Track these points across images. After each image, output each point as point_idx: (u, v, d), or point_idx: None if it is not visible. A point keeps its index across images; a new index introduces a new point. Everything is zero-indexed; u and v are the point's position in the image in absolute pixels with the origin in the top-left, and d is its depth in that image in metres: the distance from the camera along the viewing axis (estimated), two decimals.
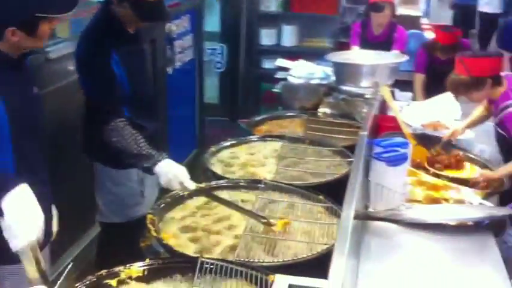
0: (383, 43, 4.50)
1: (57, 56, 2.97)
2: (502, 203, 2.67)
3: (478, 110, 3.14)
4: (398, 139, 2.38)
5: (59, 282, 1.41)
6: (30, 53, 2.06)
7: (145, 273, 1.59)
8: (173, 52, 4.03)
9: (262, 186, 2.20)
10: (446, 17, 13.69)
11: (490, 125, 3.51)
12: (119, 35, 2.46)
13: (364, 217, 2.16)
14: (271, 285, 1.44)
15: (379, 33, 4.57)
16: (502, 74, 2.93)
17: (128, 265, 1.59)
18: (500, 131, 2.90)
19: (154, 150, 2.26)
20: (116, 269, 1.58)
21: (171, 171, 2.15)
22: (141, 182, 2.62)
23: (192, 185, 2.14)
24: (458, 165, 2.77)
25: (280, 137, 2.85)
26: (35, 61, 2.61)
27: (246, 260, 1.69)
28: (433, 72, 4.32)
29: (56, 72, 2.98)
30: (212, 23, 5.62)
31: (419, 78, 4.56)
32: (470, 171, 2.76)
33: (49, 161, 2.07)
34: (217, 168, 2.50)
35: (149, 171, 2.23)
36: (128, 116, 2.41)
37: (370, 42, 4.51)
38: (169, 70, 3.98)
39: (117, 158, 2.36)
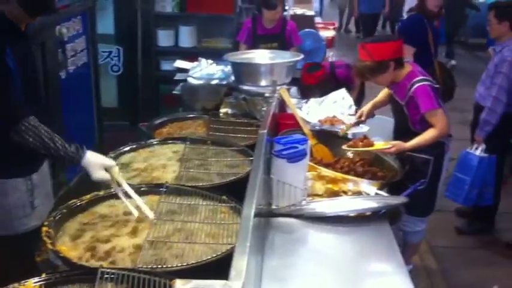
0: (275, 35, 4.63)
1: None
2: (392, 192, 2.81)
3: (382, 92, 3.31)
4: (297, 136, 2.43)
5: None
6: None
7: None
8: (65, 55, 3.86)
9: (164, 190, 2.16)
10: (336, 15, 14.33)
11: (383, 118, 3.72)
12: (11, 31, 2.33)
13: (268, 214, 2.19)
14: None
15: (271, 26, 4.68)
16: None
17: (22, 281, 1.49)
18: (406, 112, 3.06)
19: (73, 144, 2.17)
20: (10, 286, 1.47)
21: (97, 162, 2.12)
22: (30, 192, 2.45)
23: (116, 173, 2.12)
24: (368, 144, 2.88)
25: (181, 139, 2.82)
26: None
27: (149, 266, 1.65)
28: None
29: None
30: (106, 25, 5.44)
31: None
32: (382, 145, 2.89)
33: None
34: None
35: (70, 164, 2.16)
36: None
37: (261, 36, 4.61)
38: (62, 74, 3.81)
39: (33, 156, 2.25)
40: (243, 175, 2.31)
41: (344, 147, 2.92)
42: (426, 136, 2.95)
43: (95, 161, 2.13)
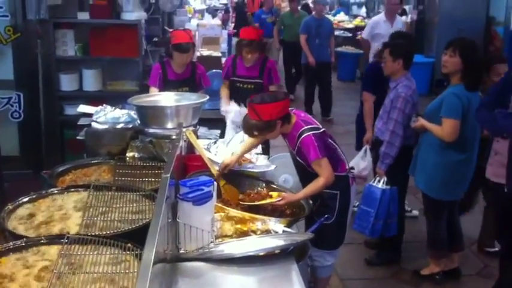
0: (186, 80, 4.65)
1: None
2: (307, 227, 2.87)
3: (249, 139, 3.32)
4: (203, 178, 2.43)
5: None
6: None
7: None
8: None
9: (66, 241, 2.07)
10: None
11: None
12: None
13: (174, 259, 2.16)
14: None
15: (181, 71, 4.69)
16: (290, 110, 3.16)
17: None
18: (299, 159, 3.13)
19: None
20: None
21: None
22: None
23: None
24: (263, 198, 2.93)
25: (85, 186, 2.73)
26: None
27: None
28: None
29: None
30: (5, 70, 5.24)
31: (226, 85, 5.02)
32: (274, 197, 2.93)
33: None
34: (17, 227, 2.31)
35: None
36: None
37: (172, 81, 4.62)
38: None
39: None
40: (148, 221, 2.27)
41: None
42: (313, 187, 3.03)
43: None
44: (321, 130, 3.14)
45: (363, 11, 15.92)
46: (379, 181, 4.11)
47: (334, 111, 8.99)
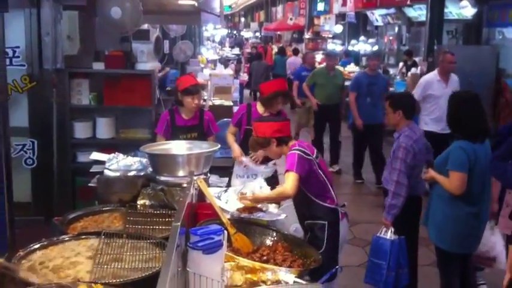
0: (193, 126, 4.73)
1: None
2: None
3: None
4: (214, 226, 2.43)
5: None
6: None
7: None
8: None
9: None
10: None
11: None
12: None
13: None
14: None
15: (190, 117, 4.77)
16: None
17: None
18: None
19: None
20: None
21: None
22: None
23: None
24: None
25: (96, 234, 2.74)
26: None
27: None
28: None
29: None
30: (20, 118, 5.35)
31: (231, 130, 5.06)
32: None
33: None
34: (27, 274, 2.30)
35: None
36: None
37: (181, 127, 4.69)
38: None
39: None
40: (158, 269, 2.26)
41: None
42: (276, 192, 3.44)
43: None
44: (311, 157, 3.46)
45: None
46: (386, 232, 4.09)
47: (344, 161, 8.90)
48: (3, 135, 4.33)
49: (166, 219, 3.07)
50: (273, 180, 4.38)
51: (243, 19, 31.01)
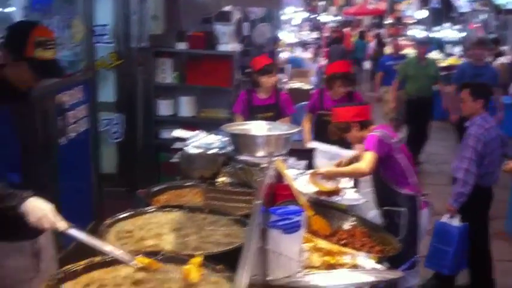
0: (270, 106, 4.76)
1: None
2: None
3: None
4: (293, 207, 2.44)
5: None
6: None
7: None
8: (65, 123, 3.93)
9: (160, 258, 2.15)
10: None
11: None
12: (11, 93, 2.43)
13: (262, 285, 2.17)
14: None
15: (266, 97, 4.82)
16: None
17: None
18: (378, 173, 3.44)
19: (15, 190, 2.20)
20: None
21: (40, 209, 2.13)
22: (35, 255, 2.47)
23: (63, 225, 2.14)
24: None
25: (178, 207, 2.82)
26: None
27: None
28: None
29: None
30: (107, 93, 5.58)
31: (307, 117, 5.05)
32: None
33: None
34: (113, 242, 2.42)
35: (15, 211, 2.17)
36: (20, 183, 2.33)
37: (257, 107, 4.74)
38: (62, 141, 3.86)
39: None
40: (238, 245, 2.30)
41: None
42: (352, 168, 3.44)
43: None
44: (392, 141, 3.42)
45: (458, 49, 15.52)
46: (452, 218, 4.06)
47: (426, 151, 8.66)
48: (91, 110, 4.54)
49: (245, 198, 3.10)
50: None
51: (322, 3, 30.62)
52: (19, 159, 2.46)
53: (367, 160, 3.30)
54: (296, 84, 7.99)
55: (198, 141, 3.88)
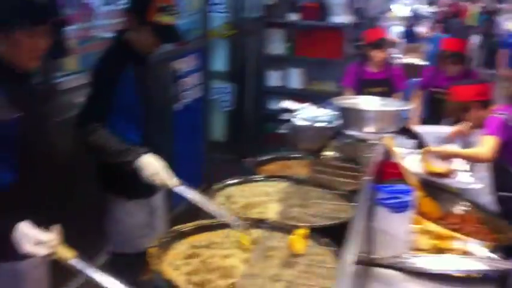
0: (381, 80, 4.61)
1: (65, 88, 3.02)
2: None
3: None
4: (402, 186, 2.36)
5: None
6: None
7: None
8: (179, 89, 4.07)
9: (266, 226, 2.18)
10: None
11: None
12: (133, 57, 2.55)
13: (368, 263, 2.13)
14: None
15: (378, 71, 4.67)
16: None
17: None
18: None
19: (132, 146, 2.33)
20: None
21: (154, 166, 2.26)
22: (151, 214, 2.63)
23: (174, 182, 2.23)
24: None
25: (285, 178, 2.84)
26: (44, 92, 2.65)
27: None
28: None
29: (63, 104, 3.01)
30: (220, 62, 5.70)
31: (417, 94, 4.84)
32: None
33: (59, 189, 2.08)
34: (218, 208, 2.47)
35: (130, 166, 2.29)
36: (141, 142, 2.47)
37: (368, 80, 4.61)
38: (177, 106, 4.01)
39: (103, 161, 2.48)
40: (345, 220, 2.28)
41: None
42: (469, 150, 3.31)
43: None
44: None
45: None
46: None
47: None
48: (204, 78, 4.67)
49: (352, 173, 3.05)
50: None
51: None
52: (143, 121, 2.58)
53: (489, 145, 3.11)
54: (409, 60, 7.68)
55: (306, 114, 3.87)
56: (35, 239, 1.75)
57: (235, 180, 2.79)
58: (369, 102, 3.86)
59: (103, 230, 2.73)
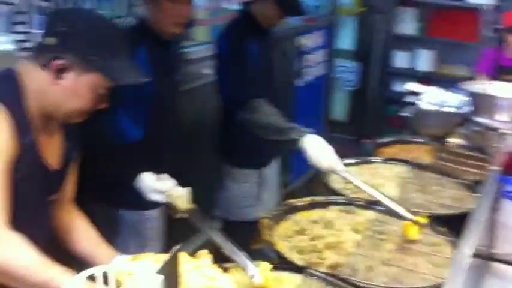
0: None
1: (195, 58, 3.14)
2: None
3: None
4: None
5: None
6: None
7: None
8: (302, 66, 4.08)
9: (380, 208, 2.14)
10: None
11: None
12: (258, 31, 2.58)
13: (487, 257, 2.02)
14: None
15: None
16: None
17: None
18: None
19: (298, 125, 2.25)
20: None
21: (321, 147, 2.16)
22: (259, 185, 2.68)
23: (340, 166, 2.14)
24: None
25: (405, 162, 2.76)
26: (176, 60, 2.78)
27: (350, 277, 1.66)
28: None
29: (191, 73, 3.14)
30: (346, 40, 5.61)
31: None
32: None
33: (180, 151, 2.21)
34: (336, 185, 2.48)
35: (294, 146, 2.19)
36: None
37: (506, 67, 4.30)
38: (298, 83, 4.03)
39: (260, 138, 2.38)
40: (466, 210, 2.17)
41: None
42: None
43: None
44: None
45: None
46: None
47: None
48: (329, 56, 4.64)
49: (478, 163, 2.89)
50: None
51: None
52: (266, 94, 2.62)
53: None
54: None
55: (433, 98, 3.70)
56: (155, 187, 1.86)
57: (352, 161, 2.77)
58: (502, 89, 3.61)
59: (213, 194, 2.83)
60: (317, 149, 2.16)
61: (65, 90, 1.48)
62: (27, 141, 1.45)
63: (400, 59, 5.87)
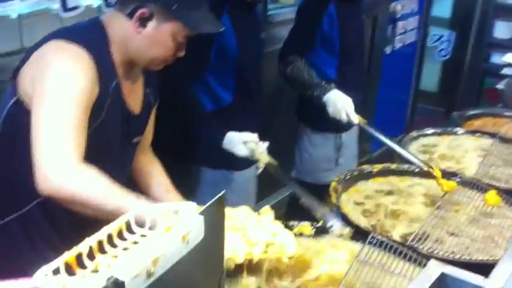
0: None
1: (277, 21, 3.15)
2: None
3: None
4: None
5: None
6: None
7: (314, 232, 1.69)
8: (394, 32, 3.97)
9: (459, 180, 2.08)
10: None
11: None
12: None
13: None
14: None
15: None
16: None
17: (301, 222, 1.67)
18: None
19: (323, 81, 2.41)
20: (290, 223, 1.67)
21: (340, 101, 2.33)
22: (337, 149, 2.70)
23: (356, 119, 2.32)
24: None
25: (490, 135, 2.65)
26: (261, 23, 2.81)
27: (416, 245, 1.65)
28: None
29: (273, 36, 3.16)
30: (443, 7, 5.34)
31: None
32: None
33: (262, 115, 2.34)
34: (415, 154, 2.42)
35: (318, 100, 2.40)
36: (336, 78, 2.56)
37: None
38: (388, 49, 3.93)
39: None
40: None
41: None
42: None
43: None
44: None
45: None
46: None
47: None
48: (422, 23, 4.46)
49: None
50: None
51: None
52: (341, 57, 2.61)
53: None
54: None
55: None
56: (240, 139, 2.00)
57: (433, 131, 2.70)
58: None
59: (292, 157, 2.87)
60: (337, 103, 2.34)
61: (147, 38, 1.55)
62: (112, 86, 1.54)
63: (502, 30, 5.51)
